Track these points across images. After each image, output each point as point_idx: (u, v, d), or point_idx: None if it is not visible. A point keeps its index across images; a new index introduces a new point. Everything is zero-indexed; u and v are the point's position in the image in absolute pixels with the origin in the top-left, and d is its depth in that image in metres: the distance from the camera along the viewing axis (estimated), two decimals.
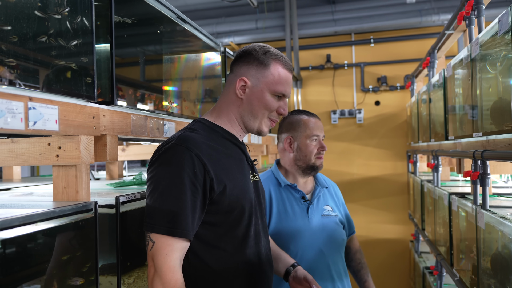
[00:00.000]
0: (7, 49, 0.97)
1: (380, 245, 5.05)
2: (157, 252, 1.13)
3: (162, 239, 1.13)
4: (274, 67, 1.32)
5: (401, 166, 5.19)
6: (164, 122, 1.79)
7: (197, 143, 1.22)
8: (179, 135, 1.25)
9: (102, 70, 1.38)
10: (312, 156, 1.82)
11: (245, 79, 1.31)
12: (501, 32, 1.51)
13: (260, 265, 1.33)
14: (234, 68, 1.36)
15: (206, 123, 1.33)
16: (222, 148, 1.29)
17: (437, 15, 4.79)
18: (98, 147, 1.36)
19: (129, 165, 3.92)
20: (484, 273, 1.79)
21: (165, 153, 1.20)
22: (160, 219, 1.14)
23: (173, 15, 1.86)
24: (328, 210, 1.86)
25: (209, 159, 1.21)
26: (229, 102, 1.34)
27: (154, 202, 1.16)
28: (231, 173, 1.27)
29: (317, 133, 1.83)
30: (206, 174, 1.19)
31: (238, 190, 1.26)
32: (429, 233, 3.26)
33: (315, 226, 1.79)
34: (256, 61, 1.32)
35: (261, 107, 1.32)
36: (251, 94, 1.31)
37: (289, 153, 1.86)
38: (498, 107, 1.62)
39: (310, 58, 5.51)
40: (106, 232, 1.37)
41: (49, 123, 1.10)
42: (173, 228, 1.13)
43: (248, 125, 1.35)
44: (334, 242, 1.81)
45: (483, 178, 1.81)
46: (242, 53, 1.35)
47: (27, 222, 1.01)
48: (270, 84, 1.31)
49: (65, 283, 1.17)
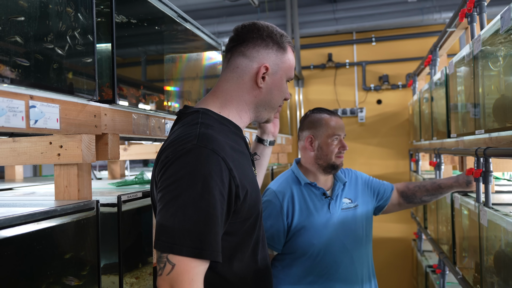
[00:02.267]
0: (8, 48, 0.97)
1: (383, 244, 5.04)
2: (179, 277, 0.93)
3: (185, 262, 0.94)
4: (289, 51, 1.22)
5: (403, 164, 5.18)
6: (165, 121, 1.79)
7: (221, 143, 1.04)
8: (198, 133, 1.05)
9: (103, 69, 1.38)
10: (333, 155, 1.83)
11: (267, 66, 1.16)
12: (503, 29, 1.50)
13: (267, 269, 1.23)
14: (248, 52, 1.17)
15: (213, 115, 1.15)
16: (236, 145, 1.13)
17: (439, 13, 4.78)
18: (99, 146, 1.36)
19: (131, 164, 3.92)
20: (487, 271, 1.78)
21: (185, 156, 1.00)
22: (182, 237, 0.94)
23: (174, 14, 1.86)
24: (347, 202, 1.87)
25: (232, 162, 1.04)
26: (242, 90, 1.18)
27: (173, 216, 0.95)
28: (247, 174, 1.11)
29: (338, 132, 1.84)
30: (232, 180, 1.02)
31: (255, 193, 1.13)
32: (432, 232, 3.25)
33: (337, 221, 1.80)
34: (276, 45, 1.18)
35: (280, 96, 1.21)
36: (271, 83, 1.18)
37: (310, 152, 1.87)
38: (501, 105, 1.61)
39: (312, 57, 5.50)
40: (108, 231, 1.37)
41: (50, 121, 1.10)
42: (200, 249, 0.94)
43: (261, 115, 1.23)
44: (355, 235, 1.82)
45: (486, 176, 1.80)
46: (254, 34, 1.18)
47: (29, 221, 1.01)
48: (287, 70, 1.21)
49: (66, 282, 1.17)
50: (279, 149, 4.38)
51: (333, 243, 1.78)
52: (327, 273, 1.76)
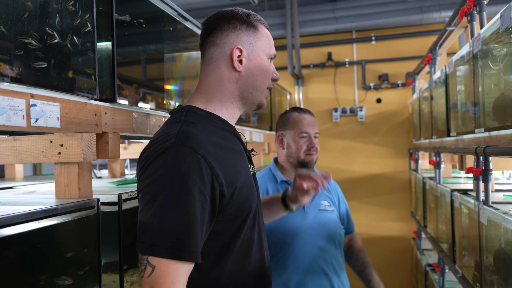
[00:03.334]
0: (7, 46, 0.97)
1: (382, 243, 5.05)
2: (159, 280, 0.92)
3: (165, 264, 0.92)
4: (261, 28, 1.17)
5: (402, 163, 5.18)
6: (165, 120, 1.79)
7: (202, 141, 1.01)
8: (177, 131, 1.02)
9: (103, 67, 1.38)
10: (301, 153, 1.84)
11: (240, 48, 1.12)
12: (503, 28, 1.50)
13: (264, 271, 1.18)
14: (217, 40, 1.14)
15: (199, 112, 1.12)
16: (224, 142, 1.09)
17: (439, 12, 4.78)
18: (100, 145, 1.36)
19: (131, 163, 3.92)
20: (486, 269, 1.78)
21: (163, 155, 0.97)
22: (160, 239, 0.93)
23: (174, 12, 1.86)
24: (325, 205, 1.88)
25: (215, 160, 1.01)
26: (221, 81, 1.14)
27: (152, 218, 0.94)
28: (237, 171, 1.08)
29: (306, 129, 1.84)
30: (215, 179, 0.99)
31: (246, 190, 1.09)
32: (431, 230, 3.26)
33: (312, 221, 1.81)
34: (244, 24, 1.14)
35: (262, 76, 1.16)
36: (249, 64, 1.14)
37: (281, 150, 1.90)
38: (501, 103, 1.61)
39: (311, 56, 5.50)
40: (108, 230, 1.37)
41: (51, 120, 1.10)
42: (179, 250, 0.92)
43: (249, 100, 1.17)
44: (332, 237, 1.83)
45: (486, 174, 1.81)
46: (219, 21, 1.15)
47: (30, 219, 1.01)
48: (264, 48, 1.16)
49: (59, 282, 1.17)
50: (275, 148, 4.38)
51: (308, 244, 1.77)
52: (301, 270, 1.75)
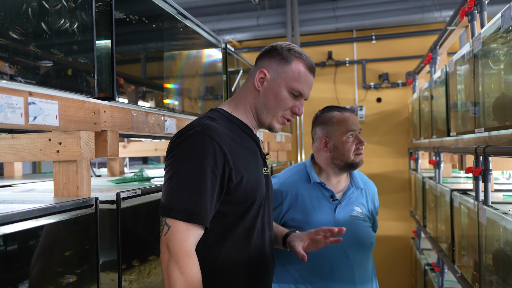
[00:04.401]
0: (7, 45, 0.97)
1: (382, 242, 5.05)
2: (172, 237, 1.12)
3: (178, 224, 1.13)
4: (296, 64, 1.32)
5: (402, 163, 5.18)
6: (165, 118, 1.78)
7: (219, 132, 1.22)
8: (201, 122, 1.24)
9: (102, 66, 1.38)
10: (350, 154, 1.73)
11: (264, 71, 1.32)
12: (504, 27, 1.50)
13: (263, 258, 1.34)
14: (258, 61, 1.37)
15: (224, 113, 1.34)
16: (239, 139, 1.29)
17: (439, 11, 4.77)
18: (98, 143, 1.36)
19: (130, 162, 3.92)
20: (485, 269, 1.78)
21: (186, 140, 1.20)
22: (178, 204, 1.14)
23: (174, 11, 1.85)
24: (358, 211, 1.78)
25: (229, 149, 1.21)
26: (247, 93, 1.35)
27: (173, 188, 1.16)
28: (247, 164, 1.27)
29: (352, 128, 1.74)
30: (226, 163, 1.19)
31: (253, 182, 1.27)
32: (431, 230, 3.25)
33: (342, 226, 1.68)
34: (279, 56, 1.32)
35: (275, 102, 1.32)
36: (268, 87, 1.32)
37: (325, 153, 1.77)
38: (501, 103, 1.61)
39: (312, 55, 5.48)
40: (107, 228, 1.37)
41: (49, 118, 1.10)
42: (190, 214, 1.13)
43: (261, 118, 1.35)
44: (361, 245, 1.74)
45: (485, 174, 1.80)
46: (269, 48, 1.36)
47: (28, 218, 1.01)
48: (288, 80, 1.31)
49: (64, 278, 1.17)
50: (278, 147, 4.38)
51: (334, 248, 1.68)
52: (323, 276, 1.70)
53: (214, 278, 1.24)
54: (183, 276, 1.11)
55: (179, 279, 1.10)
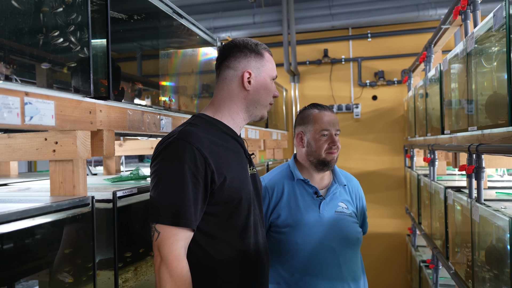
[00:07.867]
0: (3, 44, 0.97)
1: (377, 239, 5.08)
2: (162, 242, 1.19)
3: (167, 229, 1.19)
4: (266, 55, 1.46)
5: (398, 160, 5.21)
6: (160, 117, 1.79)
7: (198, 137, 1.28)
8: (180, 129, 1.30)
9: (98, 65, 1.38)
10: (322, 151, 1.77)
11: (249, 71, 1.41)
12: (496, 27, 1.51)
13: (258, 254, 1.39)
14: (231, 64, 1.42)
15: (205, 118, 1.40)
16: (221, 142, 1.35)
17: (434, 10, 4.79)
18: (94, 142, 1.36)
19: (126, 160, 3.92)
20: (478, 266, 1.80)
21: (167, 147, 1.26)
22: (164, 210, 1.20)
23: (169, 9, 1.86)
24: (342, 207, 1.81)
25: (209, 152, 1.27)
26: (231, 96, 1.42)
27: (158, 194, 1.22)
28: (230, 165, 1.32)
29: (327, 127, 1.78)
30: (207, 166, 1.25)
31: (237, 182, 1.32)
32: (426, 227, 3.28)
33: (327, 222, 1.75)
34: (253, 53, 1.42)
35: (266, 93, 1.44)
36: (256, 84, 1.41)
37: (301, 148, 1.84)
38: (493, 101, 1.62)
39: (307, 52, 5.50)
40: (103, 227, 1.38)
41: (45, 118, 1.11)
42: (177, 218, 1.19)
43: (253, 113, 1.45)
44: (347, 240, 1.77)
45: (478, 172, 1.82)
46: (233, 49, 1.43)
47: (24, 217, 1.02)
48: (269, 71, 1.45)
49: (60, 278, 1.18)
50: (274, 144, 4.39)
51: (321, 245, 1.72)
52: (311, 273, 1.72)
53: (211, 276, 1.29)
54: (173, 279, 1.18)
55: (169, 281, 1.18)
